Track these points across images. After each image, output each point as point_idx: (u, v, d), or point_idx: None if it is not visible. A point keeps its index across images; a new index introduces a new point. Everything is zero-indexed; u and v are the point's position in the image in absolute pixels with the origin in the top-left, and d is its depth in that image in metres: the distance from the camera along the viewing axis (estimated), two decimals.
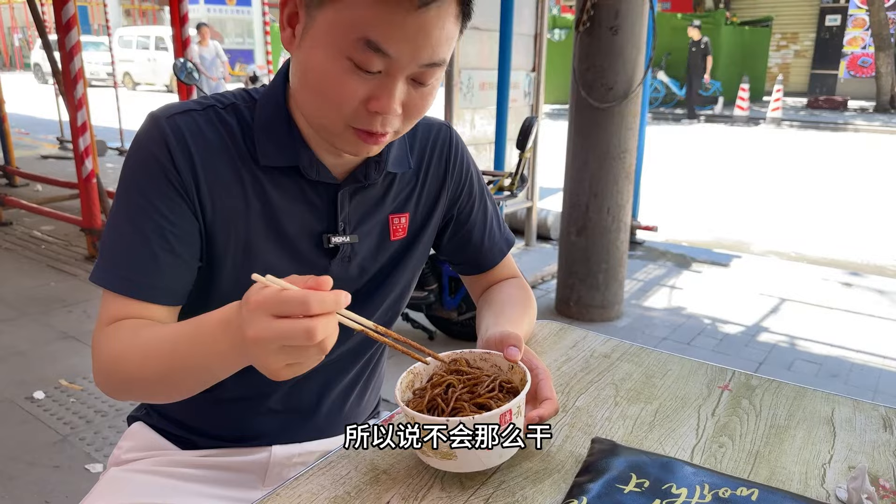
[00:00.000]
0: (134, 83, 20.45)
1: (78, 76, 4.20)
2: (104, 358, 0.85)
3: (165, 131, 0.86)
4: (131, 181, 0.87)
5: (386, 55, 0.76)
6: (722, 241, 5.56)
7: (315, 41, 0.79)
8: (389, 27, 0.74)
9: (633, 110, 3.47)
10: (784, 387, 1.04)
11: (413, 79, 0.81)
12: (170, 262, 0.87)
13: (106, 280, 0.87)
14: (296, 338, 0.64)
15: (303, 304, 0.63)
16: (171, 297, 0.89)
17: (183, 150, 0.86)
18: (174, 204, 0.86)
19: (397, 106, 0.81)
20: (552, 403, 0.86)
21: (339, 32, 0.76)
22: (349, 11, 0.75)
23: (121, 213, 0.87)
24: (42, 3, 7.95)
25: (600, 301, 3.68)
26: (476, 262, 1.18)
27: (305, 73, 0.82)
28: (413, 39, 0.76)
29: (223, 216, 0.90)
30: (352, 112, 0.81)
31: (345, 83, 0.78)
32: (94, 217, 4.44)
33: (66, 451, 2.40)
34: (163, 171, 0.86)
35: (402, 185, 1.03)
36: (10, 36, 28.83)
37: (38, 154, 8.68)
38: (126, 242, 0.86)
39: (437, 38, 0.78)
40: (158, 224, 0.86)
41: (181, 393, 0.83)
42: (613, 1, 3.29)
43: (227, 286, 0.93)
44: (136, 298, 0.86)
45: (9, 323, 3.53)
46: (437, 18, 0.76)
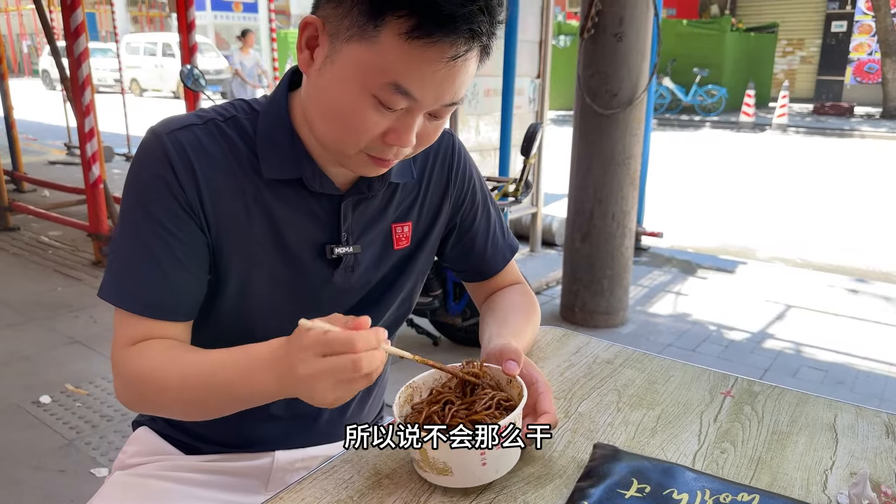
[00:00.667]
0: (141, 89, 20.56)
1: (86, 82, 4.23)
2: (133, 375, 0.86)
3: (167, 148, 0.86)
4: (136, 199, 0.88)
5: (412, 99, 0.79)
6: (727, 247, 5.55)
7: (340, 74, 0.80)
8: (420, 76, 0.77)
9: (638, 116, 3.47)
10: (786, 393, 1.04)
11: (430, 114, 0.84)
12: (181, 279, 0.88)
13: (119, 299, 0.88)
14: (345, 371, 0.70)
15: (348, 343, 0.69)
16: (185, 313, 0.90)
17: (185, 165, 0.87)
18: (180, 220, 0.87)
19: (414, 139, 0.84)
20: (550, 417, 0.86)
21: (369, 72, 0.78)
22: (382, 56, 0.76)
23: (128, 232, 0.88)
24: (51, 11, 8.02)
25: (605, 307, 3.68)
26: (479, 269, 1.18)
27: (325, 102, 0.83)
28: (440, 85, 0.79)
29: (227, 229, 0.90)
30: (369, 143, 0.83)
31: (367, 117, 0.80)
32: (101, 222, 4.47)
33: (71, 456, 2.41)
34: (167, 188, 0.86)
35: (405, 194, 1.04)
36: (18, 42, 29.05)
37: (45, 160, 8.74)
38: (136, 262, 0.87)
39: (461, 82, 0.81)
40: (167, 241, 0.86)
41: (213, 415, 0.87)
42: (618, 8, 3.30)
43: (232, 298, 0.94)
44: (152, 318, 0.88)
45: (16, 328, 3.55)
46: (463, 65, 0.79)
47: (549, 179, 5.37)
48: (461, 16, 0.74)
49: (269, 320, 0.97)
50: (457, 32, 0.75)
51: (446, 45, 0.75)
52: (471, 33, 0.76)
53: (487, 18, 0.77)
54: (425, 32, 0.74)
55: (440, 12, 0.73)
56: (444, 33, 0.74)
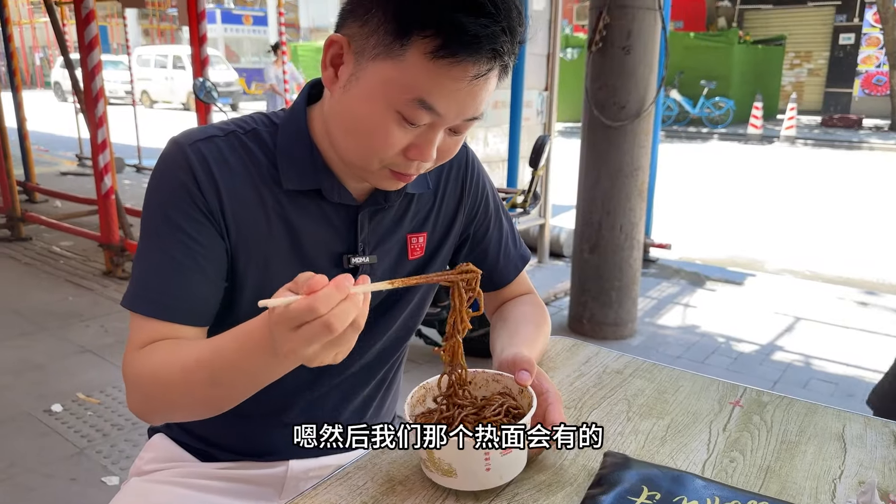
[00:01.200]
0: (151, 101, 20.74)
1: (99, 95, 4.29)
2: (140, 379, 0.86)
3: (189, 157, 0.88)
4: (157, 206, 0.89)
5: (436, 114, 0.81)
6: (736, 259, 5.55)
7: (365, 91, 0.82)
8: (445, 92, 0.79)
9: (646, 128, 3.49)
10: (795, 403, 1.05)
11: (451, 129, 0.86)
12: (199, 283, 0.89)
13: (136, 304, 0.88)
14: (321, 335, 0.67)
15: (309, 311, 0.66)
16: (201, 317, 0.91)
17: (207, 175, 0.88)
18: (201, 226, 0.88)
19: (434, 154, 0.86)
20: None
21: (394, 89, 0.80)
22: (408, 73, 0.78)
23: (150, 240, 0.89)
24: (64, 24, 8.12)
25: (613, 319, 3.68)
26: (491, 279, 1.19)
27: (350, 118, 0.85)
28: (462, 102, 0.81)
29: (246, 238, 0.92)
30: (391, 158, 0.85)
31: (390, 133, 0.82)
32: (113, 233, 4.51)
33: (82, 464, 2.43)
34: (189, 195, 0.88)
35: (421, 205, 1.05)
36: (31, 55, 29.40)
37: (57, 171, 8.83)
38: (155, 267, 0.88)
39: (482, 98, 0.83)
40: (187, 246, 0.88)
41: (222, 405, 0.84)
42: (626, 21, 3.32)
43: (248, 306, 0.95)
44: (167, 320, 0.88)
45: (28, 337, 3.58)
46: (485, 83, 0.81)
47: (557, 191, 5.39)
48: (485, 36, 0.76)
49: None
50: (480, 52, 0.77)
51: (470, 63, 0.77)
52: (493, 53, 0.78)
53: (509, 39, 0.79)
54: (450, 52, 0.76)
55: (465, 32, 0.75)
56: (469, 53, 0.77)
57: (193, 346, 0.85)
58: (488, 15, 0.75)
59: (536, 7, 4.55)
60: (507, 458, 0.79)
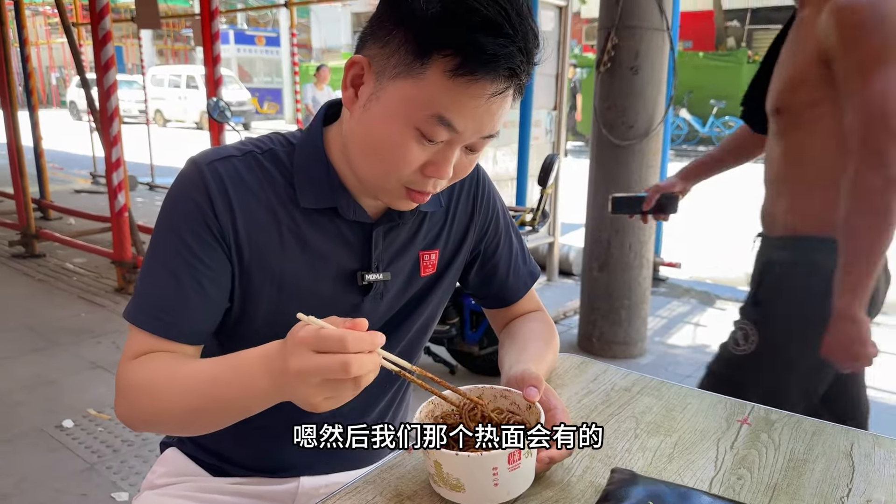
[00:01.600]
0: (165, 120, 20.98)
1: (114, 114, 4.36)
2: (131, 386, 0.87)
3: (206, 178, 0.90)
4: (170, 225, 0.91)
5: (454, 131, 0.83)
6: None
7: (385, 109, 0.84)
8: (463, 109, 0.81)
9: (654, 148, 3.51)
10: (803, 421, 1.05)
11: (467, 147, 0.88)
12: (200, 304, 0.90)
13: (136, 317, 0.90)
14: (334, 371, 0.69)
15: (340, 341, 0.69)
16: (197, 337, 0.93)
17: (223, 196, 0.90)
18: (210, 248, 0.90)
19: (451, 171, 0.88)
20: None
21: (414, 107, 0.82)
22: (428, 91, 0.81)
23: (158, 256, 0.91)
24: (81, 45, 8.27)
25: (623, 337, 3.67)
26: (500, 296, 1.20)
27: (370, 136, 0.87)
28: (480, 119, 0.83)
29: (260, 257, 0.93)
30: (408, 176, 0.87)
31: (409, 150, 0.84)
32: (125, 250, 4.55)
33: (92, 480, 2.44)
34: (202, 216, 0.89)
35: (433, 223, 1.07)
36: (47, 74, 29.88)
37: (71, 188, 8.93)
38: (160, 283, 0.90)
39: (500, 116, 0.85)
40: (193, 266, 0.89)
41: (208, 427, 0.86)
42: (634, 42, 3.35)
43: (262, 323, 0.97)
44: (163, 337, 0.90)
45: (40, 353, 3.61)
46: (501, 102, 0.83)
47: (566, 209, 5.40)
48: (503, 56, 0.78)
49: None
50: (498, 71, 0.79)
51: (487, 82, 0.80)
52: (510, 72, 0.80)
53: (525, 59, 0.81)
54: (469, 70, 0.78)
55: (484, 52, 0.78)
56: (487, 71, 0.79)
57: (189, 367, 0.86)
58: (506, 35, 0.78)
59: (545, 27, 4.60)
60: (515, 473, 0.80)
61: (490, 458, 0.78)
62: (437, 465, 0.80)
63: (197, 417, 0.85)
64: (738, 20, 19.89)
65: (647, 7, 3.33)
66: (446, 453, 0.78)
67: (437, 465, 0.80)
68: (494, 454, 0.78)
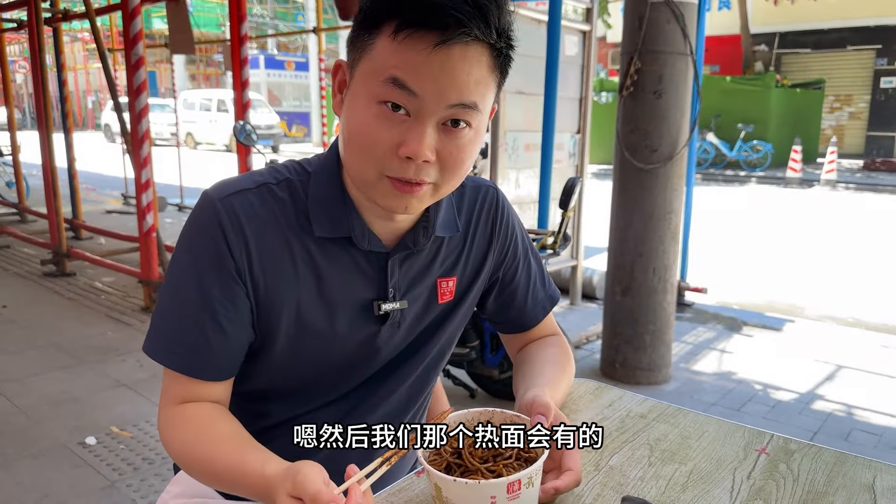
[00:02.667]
0: (195, 143, 21.40)
1: (145, 136, 4.46)
2: (168, 442, 0.94)
3: (220, 214, 0.90)
4: (186, 261, 0.92)
5: (412, 93, 0.81)
6: (774, 304, 5.42)
7: (353, 94, 0.86)
8: (413, 66, 0.80)
9: (679, 172, 3.48)
10: (824, 452, 1.02)
11: (444, 123, 0.85)
12: (223, 343, 0.92)
13: (164, 358, 0.93)
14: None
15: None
16: (226, 372, 0.95)
17: (236, 231, 0.90)
18: (227, 287, 0.90)
19: (428, 151, 0.83)
20: (573, 475, 0.85)
21: (371, 79, 0.83)
22: (379, 59, 0.82)
23: (176, 293, 0.92)
24: (115, 69, 8.50)
25: (647, 363, 3.62)
26: (518, 321, 1.19)
27: (346, 128, 0.88)
28: (437, 79, 0.81)
29: (276, 289, 0.93)
30: (384, 157, 0.84)
31: (377, 128, 0.83)
32: (152, 269, 4.63)
33: (112, 497, 2.46)
34: (217, 254, 0.90)
35: (451, 249, 1.06)
36: (84, 98, 30.73)
37: (103, 209, 9.12)
38: (181, 323, 0.91)
39: (464, 80, 0.82)
40: (213, 307, 0.90)
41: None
42: (657, 66, 3.35)
43: (280, 355, 0.97)
44: (195, 378, 0.92)
45: (67, 370, 3.67)
46: (461, 61, 0.81)
47: (589, 233, 5.37)
48: (438, 4, 0.78)
49: (315, 374, 1.00)
50: (437, 18, 0.79)
51: (430, 33, 0.79)
52: (455, 21, 0.79)
53: (474, 10, 0.80)
54: (409, 25, 0.79)
55: (421, 5, 0.79)
56: (425, 22, 0.79)
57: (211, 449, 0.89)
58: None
59: (569, 52, 4.61)
60: (514, 502, 0.78)
61: (489, 487, 0.77)
62: (437, 489, 0.80)
63: (212, 484, 0.94)
64: (766, 44, 19.76)
65: (670, 32, 3.33)
66: (445, 478, 0.78)
67: (437, 489, 0.80)
68: (493, 483, 0.77)
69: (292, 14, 26.77)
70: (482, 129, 0.89)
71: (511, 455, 0.84)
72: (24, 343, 4.08)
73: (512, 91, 4.31)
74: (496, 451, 0.85)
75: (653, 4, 3.30)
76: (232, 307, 0.91)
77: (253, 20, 22.92)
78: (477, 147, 0.90)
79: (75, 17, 6.78)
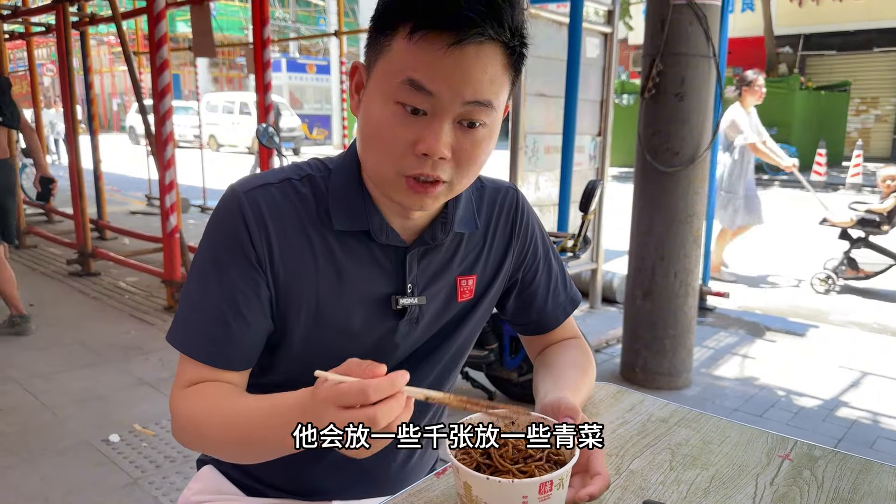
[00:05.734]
0: (218, 145, 21.61)
1: (168, 138, 4.52)
2: (184, 418, 0.92)
3: (244, 206, 0.92)
4: (209, 252, 0.94)
5: (429, 93, 0.82)
6: (798, 309, 5.35)
7: (370, 95, 0.88)
8: (428, 66, 0.81)
9: (701, 175, 3.45)
10: (849, 459, 1.01)
11: (459, 121, 0.86)
12: (243, 332, 0.93)
13: (184, 346, 0.93)
14: (362, 423, 0.70)
15: (361, 394, 0.69)
16: (244, 363, 0.95)
17: (259, 223, 0.92)
18: (248, 277, 0.92)
19: (444, 148, 0.85)
20: (602, 479, 0.84)
21: (388, 80, 0.84)
22: (395, 60, 0.83)
23: (200, 282, 0.94)
24: (140, 72, 8.62)
25: (668, 368, 3.59)
26: (538, 323, 1.19)
27: (363, 128, 0.90)
28: (451, 77, 0.82)
29: (295, 282, 0.95)
30: (401, 155, 0.86)
31: (394, 127, 0.85)
32: (175, 270, 4.68)
33: (134, 494, 2.49)
34: (240, 245, 0.92)
35: (470, 247, 1.06)
36: (109, 101, 31.19)
37: (127, 210, 9.25)
38: (204, 312, 0.93)
39: (479, 79, 0.83)
40: (233, 296, 0.92)
41: (254, 459, 0.91)
42: (679, 68, 3.32)
43: (298, 347, 0.98)
44: (213, 366, 0.93)
45: (92, 368, 3.72)
46: (475, 59, 0.82)
47: (610, 236, 5.34)
48: (452, 3, 0.79)
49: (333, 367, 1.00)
50: (452, 19, 0.80)
51: (445, 33, 0.80)
52: (468, 21, 0.79)
53: (487, 11, 0.80)
54: (424, 26, 0.81)
55: (436, 5, 0.80)
56: (441, 23, 0.80)
57: (231, 404, 0.89)
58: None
59: (590, 54, 4.60)
60: (545, 503, 0.78)
61: (521, 486, 0.77)
62: (466, 487, 0.80)
63: (235, 450, 0.90)
64: (790, 46, 19.51)
65: (693, 34, 3.30)
66: (478, 476, 0.77)
67: (466, 487, 0.80)
68: (526, 482, 0.77)
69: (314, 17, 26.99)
70: (497, 127, 0.91)
71: (541, 457, 0.84)
72: (49, 341, 4.15)
73: (532, 93, 4.30)
74: (526, 453, 0.85)
75: (675, 6, 3.28)
76: (252, 296, 0.92)
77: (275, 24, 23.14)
78: (492, 144, 0.91)
79: (102, 21, 6.88)
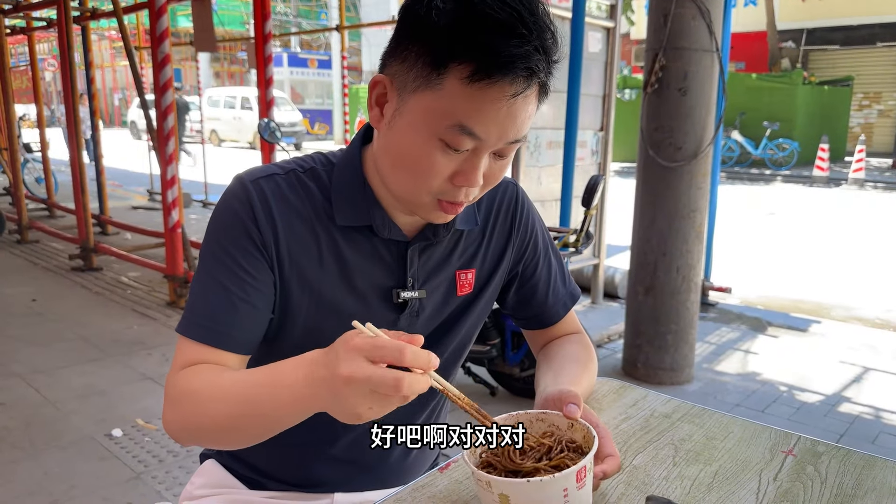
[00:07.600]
0: (219, 140, 21.59)
1: (170, 133, 4.51)
2: (176, 395, 0.88)
3: (251, 193, 0.93)
4: (216, 237, 0.94)
5: (476, 137, 0.83)
6: (800, 304, 5.34)
7: (408, 123, 0.85)
8: (483, 115, 0.81)
9: (703, 170, 3.45)
10: (852, 454, 1.01)
11: (495, 153, 0.88)
12: (246, 313, 0.92)
13: (185, 329, 0.93)
14: (386, 384, 0.67)
15: (398, 351, 0.67)
16: (244, 346, 0.94)
17: (265, 211, 0.93)
18: (254, 259, 0.93)
19: (481, 178, 0.88)
20: (615, 460, 0.86)
21: (435, 117, 0.82)
22: (447, 100, 0.81)
23: (206, 268, 0.94)
24: (142, 67, 8.61)
25: (669, 363, 3.59)
26: (539, 317, 1.19)
27: (396, 152, 0.88)
28: (502, 124, 0.83)
29: (299, 272, 0.95)
30: (439, 186, 0.87)
31: (435, 161, 0.85)
32: (178, 265, 4.69)
33: (138, 489, 2.50)
34: (245, 230, 0.92)
35: (469, 242, 1.07)
36: (111, 96, 31.17)
37: (129, 205, 9.25)
38: (207, 294, 0.92)
39: (523, 119, 0.84)
40: (239, 277, 0.92)
41: (246, 440, 0.85)
42: (682, 63, 3.32)
43: (299, 337, 0.98)
44: (211, 346, 0.91)
45: (94, 363, 3.73)
46: (523, 103, 0.83)
47: (612, 231, 5.34)
48: (518, 56, 0.78)
49: None
50: (514, 72, 0.79)
51: (506, 84, 0.79)
52: (528, 72, 0.80)
53: (544, 57, 0.81)
54: (485, 74, 0.78)
55: (499, 54, 0.78)
56: (503, 74, 0.79)
57: (231, 378, 0.86)
58: (520, 36, 0.78)
59: (592, 49, 4.58)
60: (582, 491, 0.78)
61: (562, 480, 0.75)
62: (503, 498, 0.77)
63: (236, 424, 0.83)
64: (793, 41, 19.45)
65: (695, 28, 3.29)
66: (516, 483, 0.76)
67: (503, 498, 0.77)
68: (566, 474, 0.75)
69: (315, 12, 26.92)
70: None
71: (561, 447, 0.84)
72: (52, 336, 4.16)
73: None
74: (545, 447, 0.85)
75: (678, 0, 3.27)
76: (256, 279, 0.92)
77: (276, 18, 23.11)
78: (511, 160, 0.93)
79: (103, 16, 6.87)
